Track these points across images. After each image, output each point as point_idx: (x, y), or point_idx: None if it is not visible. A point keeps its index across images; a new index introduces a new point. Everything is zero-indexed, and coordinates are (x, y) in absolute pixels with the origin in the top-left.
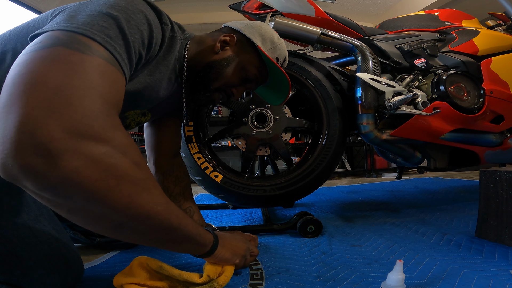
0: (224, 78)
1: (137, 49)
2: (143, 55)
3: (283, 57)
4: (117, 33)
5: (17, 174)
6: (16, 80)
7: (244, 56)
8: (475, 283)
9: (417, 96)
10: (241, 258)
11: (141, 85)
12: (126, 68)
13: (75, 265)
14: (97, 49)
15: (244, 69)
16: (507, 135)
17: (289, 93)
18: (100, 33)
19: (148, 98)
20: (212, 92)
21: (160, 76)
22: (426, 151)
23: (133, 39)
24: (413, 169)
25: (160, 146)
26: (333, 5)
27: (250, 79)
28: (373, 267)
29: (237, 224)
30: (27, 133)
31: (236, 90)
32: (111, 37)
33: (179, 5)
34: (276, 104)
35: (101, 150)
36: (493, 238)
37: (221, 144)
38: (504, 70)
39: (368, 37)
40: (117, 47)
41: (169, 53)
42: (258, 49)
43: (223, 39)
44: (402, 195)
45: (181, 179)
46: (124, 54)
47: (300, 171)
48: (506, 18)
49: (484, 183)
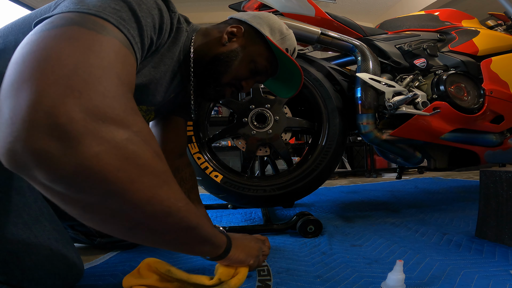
0: (234, 72)
1: (149, 33)
2: (154, 41)
3: (293, 48)
4: (130, 16)
5: (27, 161)
6: (27, 58)
7: (253, 47)
8: (475, 283)
9: (417, 96)
10: (255, 258)
11: (146, 79)
12: (138, 52)
13: (75, 265)
14: (112, 30)
15: (254, 61)
16: (507, 135)
17: (301, 83)
18: (114, 15)
19: (153, 93)
20: (222, 87)
21: (165, 69)
22: (426, 151)
23: (145, 23)
24: (413, 169)
25: (165, 146)
26: (333, 5)
27: (260, 71)
28: (373, 267)
29: (237, 224)
30: (43, 113)
31: (246, 83)
32: (124, 19)
33: (179, 5)
34: (287, 96)
35: (123, 135)
36: (493, 238)
37: (221, 144)
38: (504, 70)
39: (368, 37)
40: (130, 30)
41: (174, 44)
42: (267, 40)
43: (230, 30)
44: (402, 195)
45: (186, 181)
46: (138, 38)
47: (300, 171)
48: (506, 18)
49: (484, 183)
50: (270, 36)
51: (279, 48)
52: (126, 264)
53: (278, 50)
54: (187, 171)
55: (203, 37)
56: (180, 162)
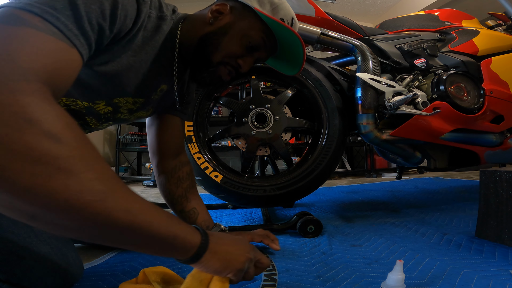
0: (224, 49)
1: (93, 19)
2: (105, 27)
3: (290, 18)
4: (66, 5)
5: None
6: None
7: (243, 22)
8: (475, 283)
9: (417, 96)
10: (236, 272)
11: (122, 66)
12: (76, 38)
13: (75, 265)
14: (30, 20)
15: (246, 36)
16: (507, 135)
17: (304, 55)
18: (43, 5)
19: (135, 82)
20: (215, 67)
21: (146, 57)
22: (426, 151)
23: (87, 10)
24: (413, 169)
25: (161, 147)
26: (333, 5)
27: (257, 46)
28: (373, 267)
29: (237, 224)
30: None
31: (242, 61)
32: (55, 8)
33: (179, 5)
34: (293, 73)
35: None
36: (493, 238)
37: (221, 144)
38: (504, 70)
39: (368, 37)
40: (60, 17)
41: (157, 32)
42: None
43: (215, 8)
44: (402, 195)
45: (183, 180)
46: (73, 25)
47: (300, 171)
48: (506, 18)
49: (484, 183)
50: (259, 7)
51: (271, 18)
52: (126, 264)
53: (270, 20)
54: (184, 170)
55: (190, 23)
56: (177, 161)
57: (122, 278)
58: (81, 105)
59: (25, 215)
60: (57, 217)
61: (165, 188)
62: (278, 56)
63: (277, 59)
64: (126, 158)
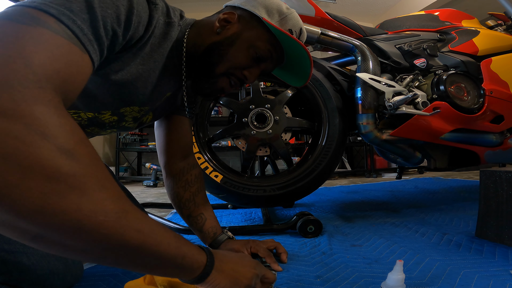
0: (230, 60)
1: (108, 25)
2: (119, 33)
3: (298, 29)
4: (82, 7)
5: None
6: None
7: (250, 32)
8: (475, 283)
9: (417, 96)
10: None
11: (132, 76)
12: (90, 44)
13: (74, 266)
14: (46, 21)
15: (253, 47)
16: (507, 135)
17: (311, 68)
18: (59, 6)
19: (143, 91)
20: (216, 78)
21: (154, 66)
22: (426, 151)
23: (104, 14)
24: (413, 169)
25: (168, 148)
26: (333, 5)
27: (263, 57)
28: (373, 267)
29: (237, 224)
30: None
31: (248, 72)
32: (72, 10)
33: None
34: (299, 85)
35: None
36: (493, 238)
37: (221, 144)
38: (504, 70)
39: (368, 37)
40: (77, 21)
41: (165, 40)
42: (265, 22)
43: (223, 17)
44: (402, 195)
45: (191, 184)
46: (88, 29)
47: (300, 171)
48: (506, 18)
49: (484, 183)
50: (267, 17)
51: (279, 29)
52: None
53: (278, 31)
54: (192, 173)
55: (197, 30)
56: (185, 163)
57: (122, 278)
58: (83, 116)
59: (27, 235)
60: (66, 237)
61: (173, 191)
62: (284, 67)
63: (284, 69)
64: (126, 158)
